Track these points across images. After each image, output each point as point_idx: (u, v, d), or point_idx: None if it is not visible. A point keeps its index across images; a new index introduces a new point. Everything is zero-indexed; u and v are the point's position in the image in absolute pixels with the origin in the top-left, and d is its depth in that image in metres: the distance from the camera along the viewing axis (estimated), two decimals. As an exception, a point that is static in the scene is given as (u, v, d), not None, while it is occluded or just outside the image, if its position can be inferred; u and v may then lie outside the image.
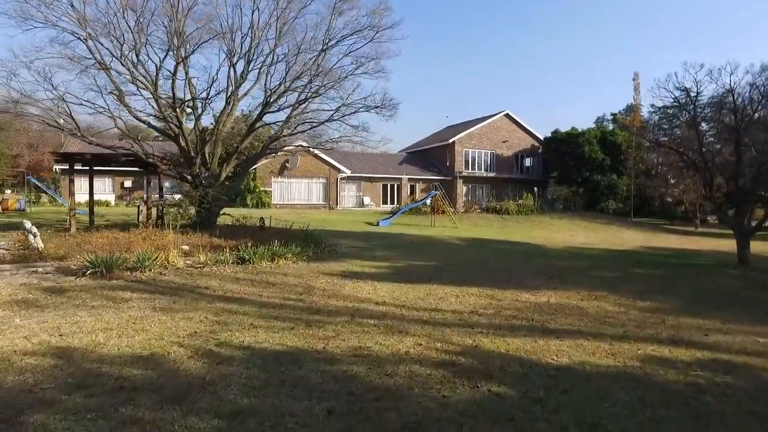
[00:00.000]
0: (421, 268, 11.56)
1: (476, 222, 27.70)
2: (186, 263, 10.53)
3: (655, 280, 11.00)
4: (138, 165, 17.04)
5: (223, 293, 8.19)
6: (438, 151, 45.69)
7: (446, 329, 6.40)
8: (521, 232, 23.63)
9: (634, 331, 6.63)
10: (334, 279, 9.76)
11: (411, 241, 17.36)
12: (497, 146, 44.93)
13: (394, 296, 8.37)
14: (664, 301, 8.80)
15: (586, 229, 27.90)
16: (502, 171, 44.47)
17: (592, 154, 39.68)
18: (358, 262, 11.92)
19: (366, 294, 8.50)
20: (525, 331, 6.39)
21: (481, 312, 7.39)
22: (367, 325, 6.54)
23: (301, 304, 7.65)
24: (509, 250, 16.21)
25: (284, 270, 10.53)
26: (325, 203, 37.87)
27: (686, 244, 22.34)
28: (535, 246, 17.66)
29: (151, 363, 4.84)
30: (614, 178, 39.68)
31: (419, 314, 7.20)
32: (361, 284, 9.30)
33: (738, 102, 13.81)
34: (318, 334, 6.01)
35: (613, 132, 42.07)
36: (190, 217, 16.40)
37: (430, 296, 8.45)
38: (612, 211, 38.75)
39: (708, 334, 6.59)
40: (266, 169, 36.01)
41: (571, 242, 19.89)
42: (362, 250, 14.57)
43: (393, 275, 10.41)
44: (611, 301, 8.57)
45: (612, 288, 9.72)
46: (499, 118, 45.35)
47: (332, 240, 16.41)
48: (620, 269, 12.69)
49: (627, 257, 15.67)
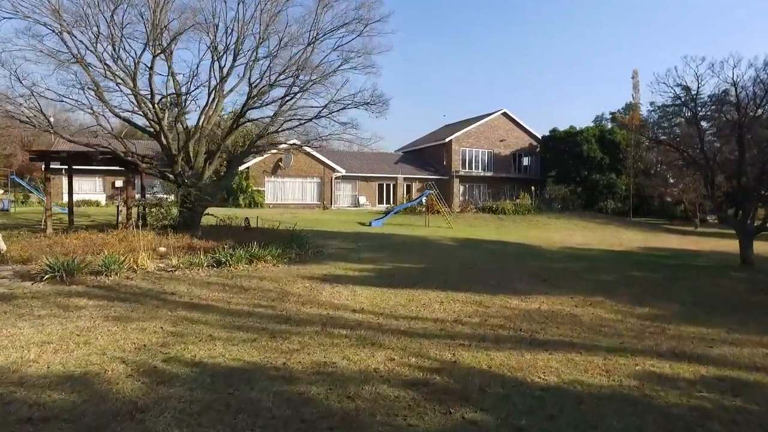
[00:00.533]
0: (408, 271, 10.96)
1: (471, 222, 27.10)
2: (158, 266, 9.93)
3: (654, 284, 10.42)
4: (117, 163, 16.43)
5: (189, 300, 7.59)
6: (435, 150, 45.13)
7: (424, 341, 5.81)
8: (517, 233, 23.04)
9: (632, 342, 6.04)
10: (313, 283, 9.16)
11: (402, 241, 16.76)
12: (495, 145, 44.38)
13: (373, 303, 7.78)
14: (664, 306, 8.22)
15: (584, 229, 27.31)
16: (500, 170, 43.91)
17: (591, 153, 39.13)
18: (342, 265, 11.33)
19: (344, 300, 7.91)
20: (511, 343, 5.80)
21: (466, 321, 6.80)
22: (338, 336, 5.95)
23: (271, 311, 7.06)
24: (503, 251, 15.62)
25: (262, 273, 9.93)
26: (320, 203, 37.26)
27: (686, 244, 21.77)
28: (530, 247, 17.07)
29: (81, 384, 4.25)
30: (613, 177, 39.13)
31: (397, 323, 6.61)
32: (340, 289, 8.70)
33: (741, 96, 13.24)
34: (281, 347, 5.42)
35: (612, 131, 41.51)
36: (172, 217, 15.81)
37: (413, 302, 7.86)
38: (611, 211, 38.19)
39: (713, 346, 6.00)
40: (259, 169, 35.42)
41: (567, 243, 19.31)
42: (349, 251, 13.97)
43: (376, 279, 9.82)
44: (607, 307, 7.98)
45: (608, 292, 9.14)
46: (497, 117, 44.81)
47: (320, 241, 15.84)
48: (618, 271, 12.11)
49: (625, 258, 15.09)
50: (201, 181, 15.62)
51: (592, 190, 39.44)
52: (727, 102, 13.92)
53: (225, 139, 15.33)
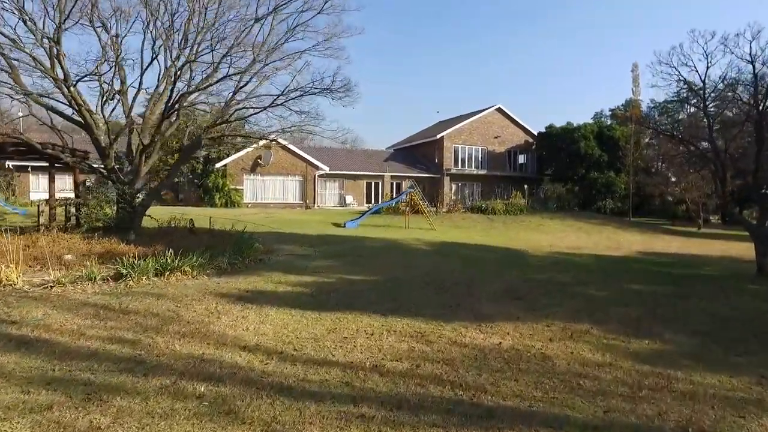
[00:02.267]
0: (354, 285, 8.97)
1: (458, 223, 25.08)
2: (33, 281, 7.96)
3: (656, 302, 8.40)
4: (35, 156, 14.48)
5: (29, 332, 5.61)
6: (426, 147, 43.18)
7: (308, 409, 3.83)
8: (505, 235, 21.05)
9: (622, 408, 4.06)
10: (221, 303, 7.19)
11: (369, 246, 14.77)
12: (489, 142, 42.43)
13: (278, 335, 5.80)
14: (669, 338, 6.23)
15: (579, 230, 25.28)
16: (495, 168, 41.96)
17: (589, 150, 37.14)
18: (277, 277, 9.36)
19: (242, 330, 5.93)
20: (438, 416, 3.82)
21: (389, 368, 4.82)
22: (187, 396, 3.98)
23: (128, 350, 5.09)
24: (481, 258, 13.64)
25: (165, 290, 7.95)
26: (302, 202, 35.27)
27: (690, 247, 19.79)
28: (514, 252, 15.10)
29: None
30: (612, 175, 37.10)
31: (290, 371, 4.64)
32: (249, 313, 6.73)
33: (760, 75, 11.25)
34: (78, 423, 3.46)
35: (611, 127, 39.50)
36: (106, 218, 13.83)
37: (333, 334, 5.88)
38: (609, 211, 36.13)
39: (744, 416, 4.02)
40: (237, 166, 33.45)
41: (558, 246, 17.33)
42: (300, 258, 12.00)
43: (307, 298, 7.84)
44: (593, 341, 5.99)
45: (597, 317, 7.13)
46: (491, 113, 42.85)
47: (275, 245, 13.90)
48: (612, 284, 10.10)
49: (622, 266, 13.09)
50: (138, 177, 13.66)
51: (590, 188, 37.44)
52: (740, 82, 11.92)
53: (158, 131, 13.28)
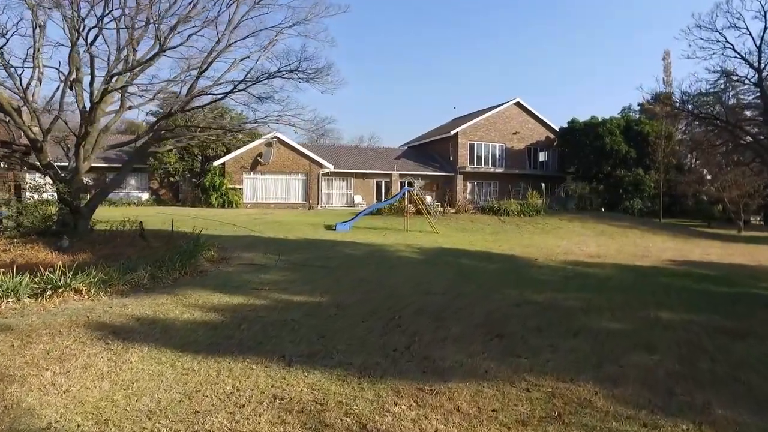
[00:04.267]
0: (283, 312, 6.83)
1: (465, 225, 22.65)
2: None
3: (696, 344, 5.91)
4: None
5: None
6: (440, 144, 40.81)
7: None
8: (515, 239, 18.58)
9: None
10: (79, 341, 5.21)
11: (345, 255, 12.63)
12: (507, 138, 39.76)
13: (102, 405, 3.74)
14: (722, 417, 3.89)
15: (602, 234, 22.48)
16: (513, 166, 39.24)
17: (615, 146, 34.08)
18: (198, 297, 7.35)
19: (54, 394, 3.90)
20: None
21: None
22: None
23: None
24: (476, 269, 11.34)
25: (28, 318, 6.02)
26: (305, 202, 33.40)
27: (734, 255, 16.95)
28: (519, 262, 12.74)
29: None
30: (640, 173, 33.91)
31: None
32: (99, 359, 4.71)
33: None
34: None
35: (640, 121, 36.25)
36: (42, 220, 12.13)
37: (185, 403, 3.78)
38: (637, 211, 32.93)
39: None
40: (236, 165, 31.85)
41: (574, 254, 14.85)
42: (253, 270, 9.99)
43: (206, 331, 5.78)
44: (596, 424, 3.70)
45: (607, 371, 4.79)
46: (509, 107, 40.12)
47: (236, 253, 12.02)
48: (633, 310, 7.64)
49: (649, 282, 10.57)
50: (78, 174, 11.92)
51: (616, 187, 34.35)
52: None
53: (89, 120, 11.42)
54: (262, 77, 12.05)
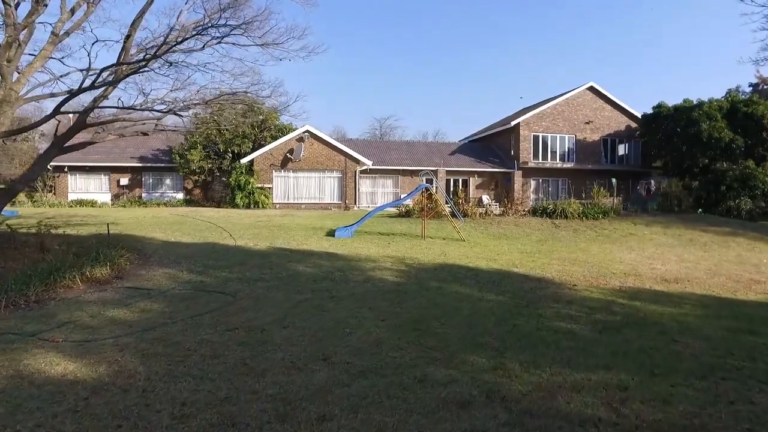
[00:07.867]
0: None
1: (506, 230, 18.20)
2: None
3: None
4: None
5: None
6: (500, 137, 36.13)
7: None
8: (562, 251, 13.99)
9: None
10: None
11: (288, 275, 9.17)
12: (578, 129, 34.19)
13: None
14: None
15: (690, 243, 16.88)
16: (586, 160, 33.56)
17: (715, 134, 27.33)
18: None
19: None
20: None
21: None
22: None
23: None
24: (456, 308, 7.37)
25: None
26: (341, 202, 30.50)
27: None
28: (542, 290, 8.56)
29: None
30: (750, 165, 26.88)
31: None
32: None
33: None
34: None
35: (750, 101, 28.98)
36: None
37: None
38: (746, 214, 25.93)
39: None
40: (266, 162, 29.72)
41: (640, 275, 10.25)
42: (126, 297, 7.02)
43: None
44: None
45: None
46: (581, 93, 34.44)
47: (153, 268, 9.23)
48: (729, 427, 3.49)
49: (761, 342, 6.04)
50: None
51: (715, 184, 27.57)
52: None
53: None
54: (180, 38, 9.08)
